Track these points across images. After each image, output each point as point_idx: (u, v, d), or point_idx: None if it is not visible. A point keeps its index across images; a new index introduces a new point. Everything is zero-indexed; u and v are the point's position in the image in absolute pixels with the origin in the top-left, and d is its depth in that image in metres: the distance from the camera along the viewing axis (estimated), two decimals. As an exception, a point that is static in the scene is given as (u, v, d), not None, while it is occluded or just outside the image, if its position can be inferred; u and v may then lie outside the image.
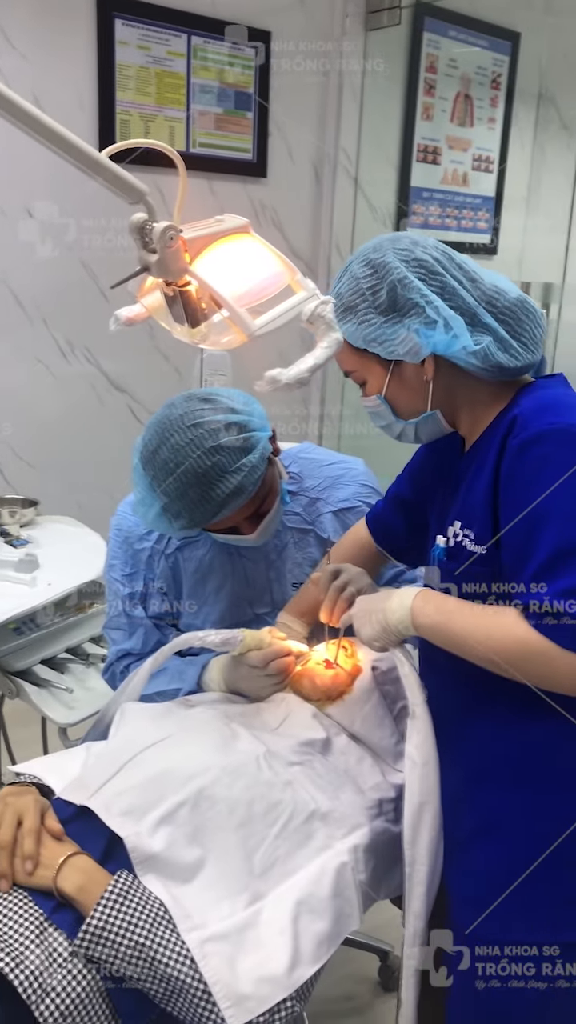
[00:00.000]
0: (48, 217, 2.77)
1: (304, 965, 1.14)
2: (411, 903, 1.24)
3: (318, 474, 1.67)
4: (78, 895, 1.11)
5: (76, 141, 1.03)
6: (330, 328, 1.22)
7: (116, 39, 2.80)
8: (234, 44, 3.04)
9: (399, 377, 1.21)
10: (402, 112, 3.52)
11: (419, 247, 1.17)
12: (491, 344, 1.15)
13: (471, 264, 1.20)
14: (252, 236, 1.23)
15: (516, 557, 1.09)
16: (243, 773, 1.26)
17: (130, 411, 3.10)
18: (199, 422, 1.39)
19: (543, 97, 3.95)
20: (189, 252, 1.13)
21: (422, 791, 1.25)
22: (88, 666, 2.02)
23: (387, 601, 1.26)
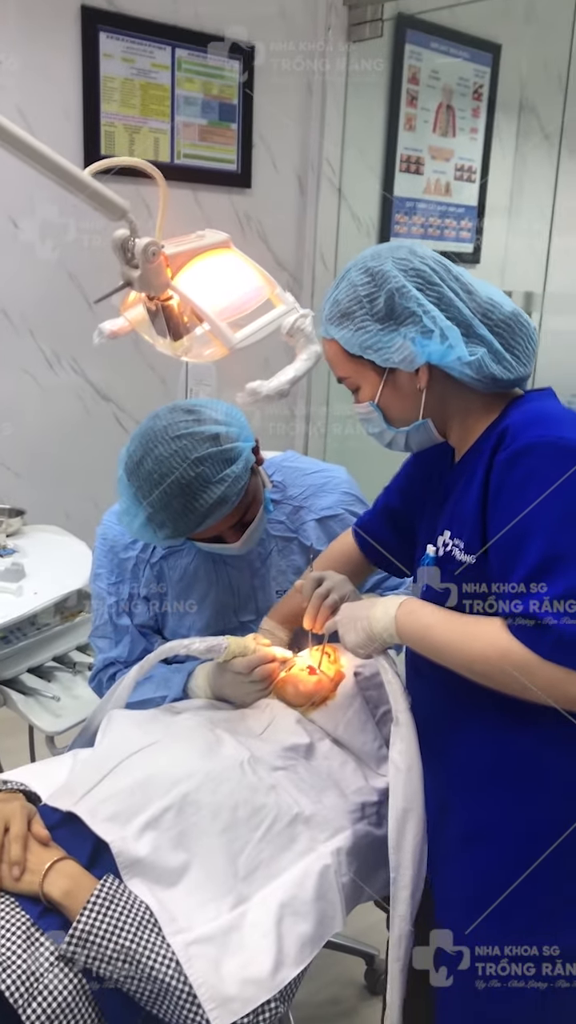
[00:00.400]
0: (34, 229, 2.78)
1: (288, 967, 1.16)
2: (396, 907, 1.26)
3: (301, 482, 1.69)
4: (65, 900, 1.13)
5: (59, 160, 1.05)
6: (309, 341, 1.24)
7: (101, 52, 2.82)
8: (218, 56, 3.06)
9: (393, 385, 1.22)
10: (385, 123, 3.56)
11: (417, 257, 1.19)
12: (485, 355, 1.16)
13: (467, 276, 1.22)
14: (233, 251, 1.25)
15: (503, 567, 1.11)
16: (227, 778, 1.27)
17: (116, 420, 3.12)
18: (183, 433, 1.41)
19: (524, 107, 4.00)
20: (171, 267, 1.15)
21: (406, 797, 1.27)
22: (75, 674, 2.03)
23: (372, 609, 1.28)
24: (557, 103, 3.47)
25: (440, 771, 1.28)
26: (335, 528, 1.66)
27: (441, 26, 3.56)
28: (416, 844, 1.27)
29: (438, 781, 1.28)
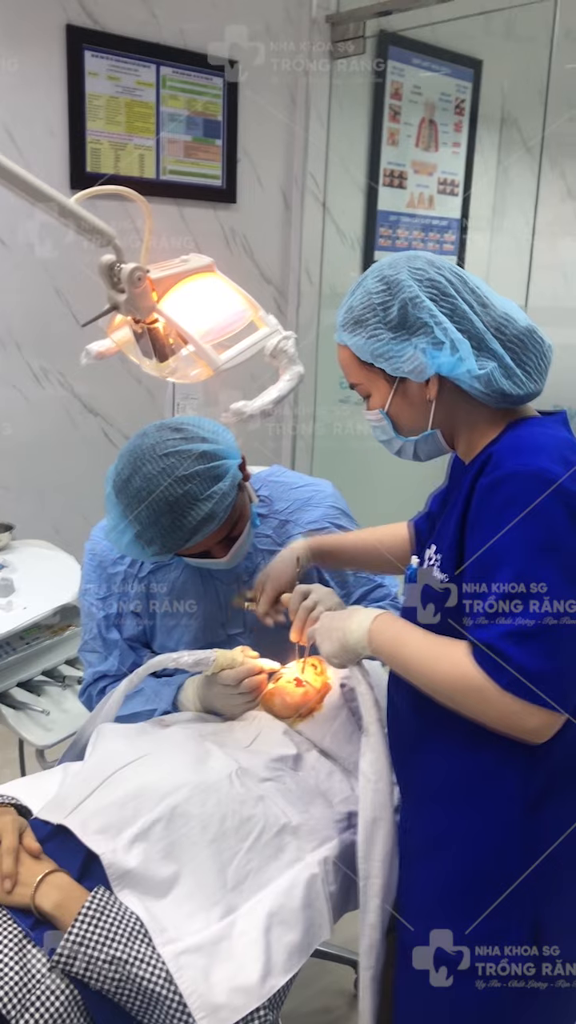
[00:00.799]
0: (21, 244, 2.81)
1: (276, 975, 1.18)
2: (366, 916, 1.28)
3: (287, 497, 1.72)
4: (56, 912, 1.15)
5: (47, 190, 1.07)
6: (292, 362, 1.26)
7: (86, 70, 2.85)
8: (202, 74, 3.10)
9: (403, 394, 1.23)
10: (368, 138, 3.60)
11: (434, 268, 1.19)
12: (495, 370, 1.16)
13: (485, 289, 1.21)
14: (216, 275, 1.28)
15: (473, 594, 1.12)
16: (216, 790, 1.29)
17: (104, 434, 3.13)
18: (170, 451, 1.44)
19: (506, 121, 4.05)
20: (156, 291, 1.18)
21: (375, 807, 1.29)
22: (64, 688, 2.04)
23: (348, 620, 1.30)
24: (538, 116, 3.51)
25: (408, 781, 1.30)
26: (321, 541, 1.69)
27: (423, 43, 3.60)
28: (385, 853, 1.28)
29: (407, 793, 1.31)
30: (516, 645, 1.06)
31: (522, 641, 1.06)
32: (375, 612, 1.29)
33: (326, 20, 3.34)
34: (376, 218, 3.66)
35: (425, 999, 1.23)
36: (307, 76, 3.34)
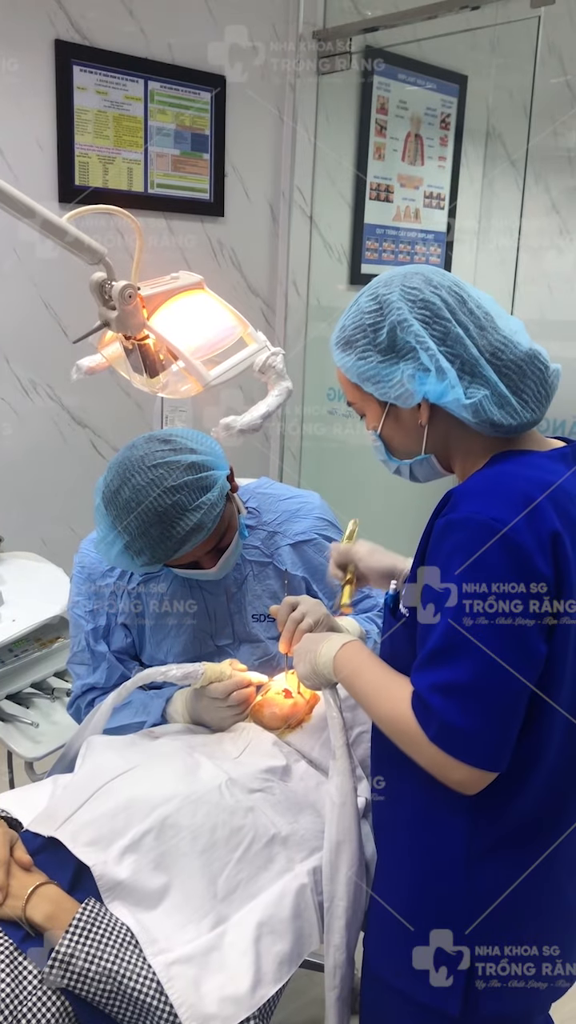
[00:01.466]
0: (9, 257, 2.82)
1: (266, 985, 1.19)
2: (331, 937, 1.28)
3: (275, 508, 1.73)
4: (47, 924, 1.15)
5: (38, 208, 1.09)
6: (280, 378, 1.28)
7: (75, 84, 2.87)
8: (190, 87, 3.12)
9: (395, 418, 1.19)
10: (355, 152, 3.62)
11: (430, 287, 1.13)
12: (486, 399, 1.10)
13: (487, 308, 1.15)
14: (206, 292, 1.29)
15: (420, 637, 1.10)
16: (206, 801, 1.30)
17: (92, 446, 3.14)
18: (159, 463, 1.45)
19: (491, 135, 4.08)
20: (147, 308, 1.19)
21: (339, 830, 1.30)
22: (53, 700, 2.05)
23: (320, 644, 1.31)
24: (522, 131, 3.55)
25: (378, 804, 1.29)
26: (309, 552, 1.70)
27: (408, 58, 3.64)
28: (350, 876, 1.29)
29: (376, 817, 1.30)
30: (443, 698, 1.04)
31: (449, 694, 1.04)
32: (344, 640, 1.29)
33: (313, 36, 3.37)
34: (363, 231, 3.69)
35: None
36: (294, 91, 3.37)
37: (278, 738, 1.53)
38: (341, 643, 1.28)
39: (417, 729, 1.07)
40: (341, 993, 1.30)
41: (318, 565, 1.71)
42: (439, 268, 1.18)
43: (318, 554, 1.71)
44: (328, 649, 1.29)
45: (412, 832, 1.18)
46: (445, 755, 1.05)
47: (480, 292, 1.17)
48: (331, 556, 1.53)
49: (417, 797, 1.16)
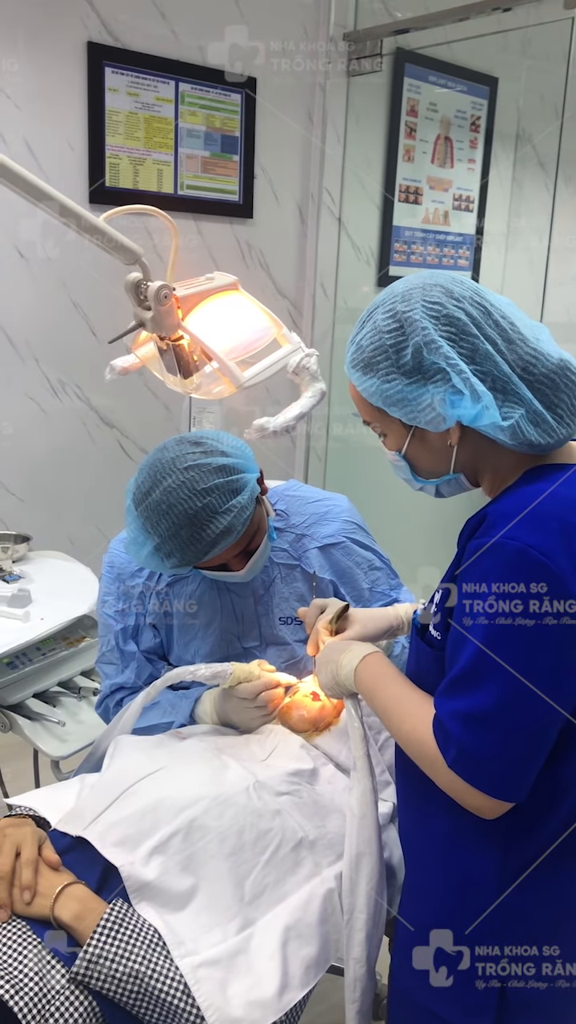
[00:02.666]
0: (40, 258, 2.83)
1: (293, 989, 1.19)
2: (351, 950, 1.27)
3: (304, 511, 1.73)
4: (75, 924, 1.15)
5: (75, 207, 1.09)
6: (314, 379, 1.27)
7: (106, 86, 2.88)
8: (220, 89, 3.13)
9: (420, 439, 1.12)
10: (384, 154, 3.62)
11: (452, 301, 1.05)
12: (522, 419, 1.04)
13: (513, 315, 1.08)
14: (241, 293, 1.29)
15: (448, 660, 1.08)
16: (233, 803, 1.30)
17: (120, 447, 3.15)
18: (190, 465, 1.45)
19: (520, 138, 4.07)
20: (182, 309, 1.19)
21: (359, 842, 1.28)
22: (80, 699, 2.05)
23: (341, 654, 1.29)
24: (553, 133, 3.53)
25: (404, 812, 1.27)
26: (337, 555, 1.70)
27: (439, 60, 3.63)
28: (370, 889, 1.27)
29: (404, 810, 1.27)
30: (462, 725, 1.02)
31: (468, 722, 1.02)
32: (365, 651, 1.27)
33: (343, 37, 3.37)
34: (391, 234, 3.68)
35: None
36: (324, 92, 3.37)
37: (306, 741, 1.53)
38: (363, 654, 1.26)
39: (436, 753, 1.06)
40: (362, 1007, 1.29)
41: (346, 568, 1.70)
42: (456, 275, 1.10)
43: (346, 557, 1.70)
44: (350, 660, 1.27)
45: (441, 854, 1.16)
46: (463, 782, 1.04)
47: (500, 298, 1.10)
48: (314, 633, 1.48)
49: (446, 820, 1.14)
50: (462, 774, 1.03)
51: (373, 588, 1.72)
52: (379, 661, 1.26)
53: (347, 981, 1.28)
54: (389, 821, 1.47)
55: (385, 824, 1.47)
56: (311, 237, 3.48)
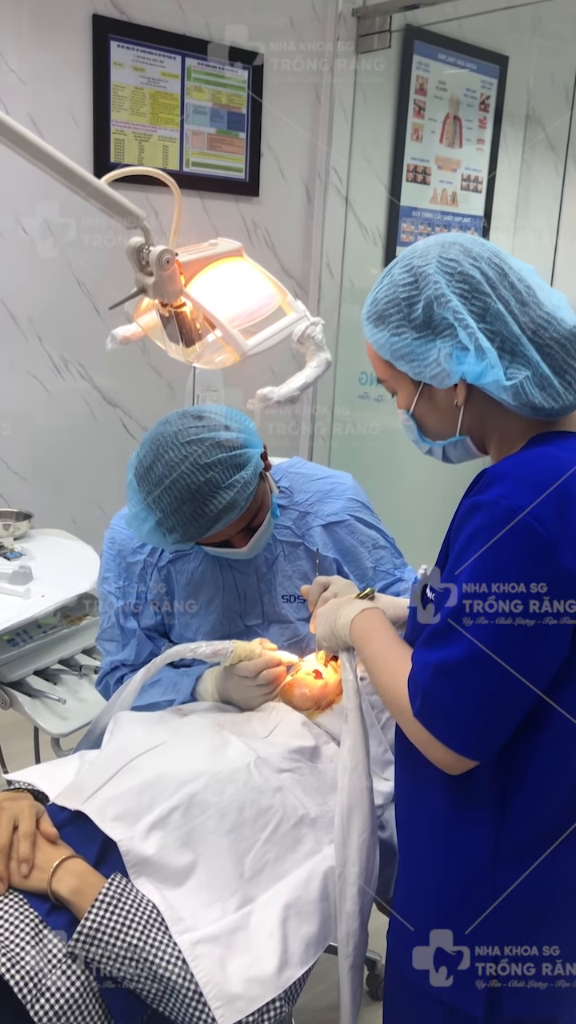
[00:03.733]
0: (43, 234, 2.81)
1: (293, 967, 1.17)
2: (343, 904, 1.26)
3: (308, 488, 1.71)
4: (72, 897, 1.14)
5: (75, 168, 1.07)
6: (319, 348, 1.25)
7: (111, 60, 2.85)
8: (227, 66, 3.09)
9: (428, 397, 1.13)
10: (392, 133, 3.58)
11: (469, 259, 1.06)
12: (527, 380, 1.03)
13: (529, 281, 1.08)
14: (245, 259, 1.27)
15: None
16: (234, 779, 1.28)
17: (123, 426, 3.13)
18: (193, 439, 1.43)
19: (530, 118, 4.02)
20: (184, 275, 1.17)
21: (351, 794, 1.28)
22: (81, 677, 2.04)
23: (341, 608, 1.31)
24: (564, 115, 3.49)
25: (399, 788, 1.26)
26: (341, 534, 1.68)
27: (449, 38, 3.58)
28: (363, 842, 1.27)
29: (399, 790, 1.26)
30: (431, 676, 1.03)
31: (437, 673, 1.02)
32: (365, 606, 1.29)
33: (352, 14, 3.33)
34: (399, 213, 3.65)
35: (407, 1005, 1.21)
36: (332, 70, 3.33)
37: (308, 719, 1.51)
38: (361, 608, 1.28)
39: (407, 705, 1.07)
40: (354, 962, 1.28)
41: (350, 547, 1.68)
42: (478, 237, 1.10)
43: (350, 535, 1.68)
44: (348, 612, 1.28)
45: (436, 832, 1.15)
46: (427, 733, 1.04)
47: (521, 263, 1.10)
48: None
49: (442, 799, 1.13)
50: (425, 724, 1.04)
51: (377, 567, 1.71)
52: (375, 616, 1.27)
53: (340, 936, 1.27)
54: (390, 801, 1.45)
55: (386, 804, 1.46)
56: (317, 216, 3.45)
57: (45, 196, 2.71)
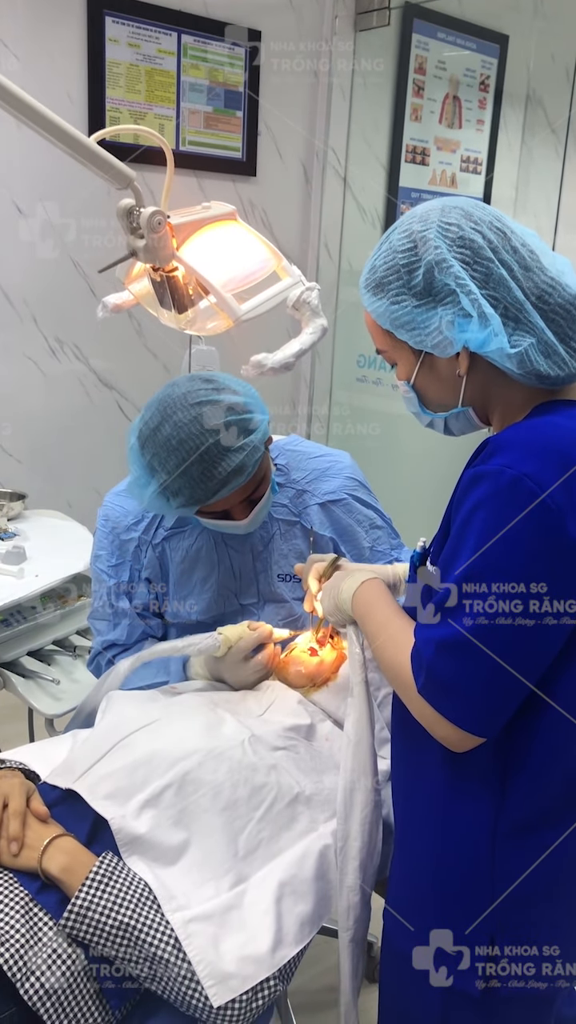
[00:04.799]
0: (38, 215, 2.77)
1: (287, 945, 1.16)
2: (344, 878, 1.25)
3: (305, 466, 1.68)
4: (63, 876, 1.12)
5: (67, 127, 1.04)
6: (315, 314, 1.22)
7: (107, 36, 2.81)
8: (224, 43, 3.05)
9: (430, 367, 1.10)
10: (391, 113, 3.54)
11: (470, 223, 1.02)
12: (532, 348, 1.01)
13: (534, 244, 1.04)
14: (238, 223, 1.24)
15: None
16: (228, 757, 1.27)
17: (118, 408, 3.10)
18: (203, 400, 1.41)
19: (531, 99, 3.98)
20: (176, 238, 1.14)
21: (354, 768, 1.26)
22: (75, 658, 2.02)
23: (344, 580, 1.28)
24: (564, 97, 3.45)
25: (397, 768, 1.25)
26: (338, 513, 1.65)
27: (448, 16, 3.54)
28: (365, 816, 1.25)
29: (396, 771, 1.25)
30: (435, 651, 1.00)
31: (440, 649, 1.00)
32: (366, 577, 1.26)
33: (350, -9, 3.29)
34: (398, 194, 3.61)
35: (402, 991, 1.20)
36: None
37: (303, 696, 1.49)
38: (362, 579, 1.25)
39: (411, 679, 1.04)
40: (355, 935, 1.26)
41: (347, 526, 1.66)
42: (479, 201, 1.07)
43: (347, 514, 1.66)
44: (350, 585, 1.26)
45: (434, 808, 1.13)
46: (431, 709, 1.02)
47: (523, 227, 1.06)
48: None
49: (440, 774, 1.11)
50: (430, 700, 1.02)
51: (374, 547, 1.68)
52: (376, 587, 1.24)
53: (340, 909, 1.25)
54: (387, 779, 1.43)
55: (384, 782, 1.44)
56: (315, 197, 3.41)
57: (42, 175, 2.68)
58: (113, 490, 1.66)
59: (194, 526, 1.60)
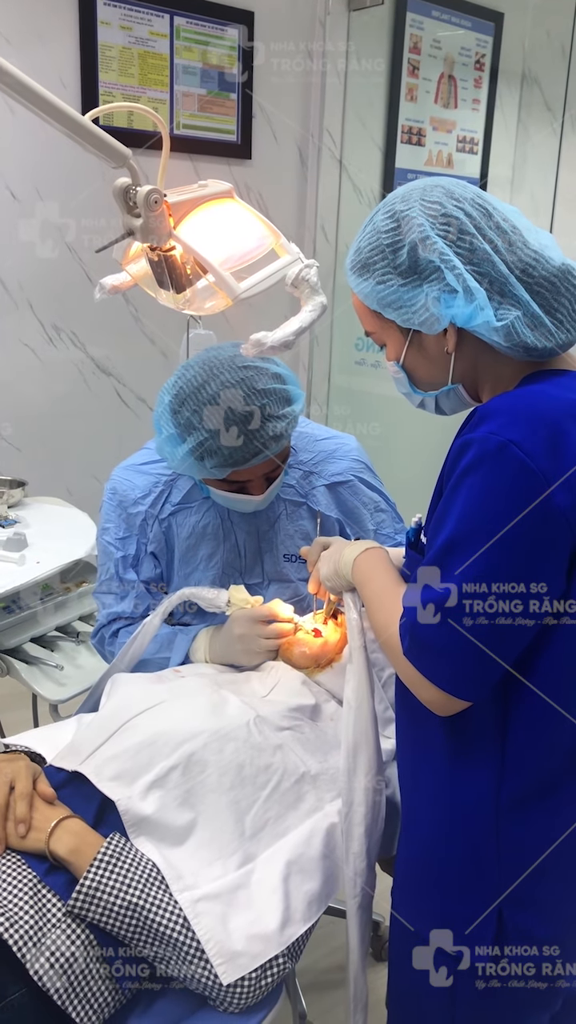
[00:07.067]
0: (34, 202, 2.76)
1: (295, 923, 1.16)
2: (350, 844, 1.25)
3: (312, 448, 1.68)
4: (71, 857, 1.12)
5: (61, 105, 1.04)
6: (314, 292, 1.21)
7: (98, 19, 2.79)
8: (217, 25, 3.03)
9: (419, 346, 1.10)
10: (386, 93, 3.52)
11: (452, 200, 1.03)
12: (518, 320, 1.02)
13: (516, 220, 1.06)
14: (236, 200, 1.23)
15: (427, 551, 1.06)
16: (233, 737, 1.27)
17: (116, 394, 3.09)
18: (249, 365, 1.44)
19: (527, 78, 3.95)
20: (173, 216, 1.13)
21: (356, 733, 1.26)
22: (78, 644, 2.02)
23: (346, 547, 1.30)
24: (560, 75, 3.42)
25: (401, 746, 1.24)
26: (345, 494, 1.66)
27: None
28: (368, 781, 1.26)
29: (401, 749, 1.25)
30: (422, 613, 1.00)
31: (429, 611, 1.00)
32: (367, 544, 1.28)
33: (344, -32, 3.26)
34: (394, 176, 3.59)
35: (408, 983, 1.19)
36: (324, 28, 3.26)
37: (308, 677, 1.49)
38: (365, 547, 1.27)
39: (398, 643, 1.05)
40: (362, 902, 1.26)
41: (352, 507, 1.66)
42: (461, 180, 1.08)
43: (353, 496, 1.66)
44: (351, 552, 1.27)
45: (438, 782, 1.13)
46: (416, 672, 1.03)
47: (506, 204, 1.07)
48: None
49: (442, 748, 1.11)
50: (414, 662, 1.03)
51: (378, 530, 1.69)
52: (378, 555, 1.25)
53: (347, 876, 1.25)
54: (392, 759, 1.43)
55: (389, 761, 1.44)
56: (311, 179, 3.39)
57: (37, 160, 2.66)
58: (121, 464, 1.66)
59: (201, 502, 1.60)
